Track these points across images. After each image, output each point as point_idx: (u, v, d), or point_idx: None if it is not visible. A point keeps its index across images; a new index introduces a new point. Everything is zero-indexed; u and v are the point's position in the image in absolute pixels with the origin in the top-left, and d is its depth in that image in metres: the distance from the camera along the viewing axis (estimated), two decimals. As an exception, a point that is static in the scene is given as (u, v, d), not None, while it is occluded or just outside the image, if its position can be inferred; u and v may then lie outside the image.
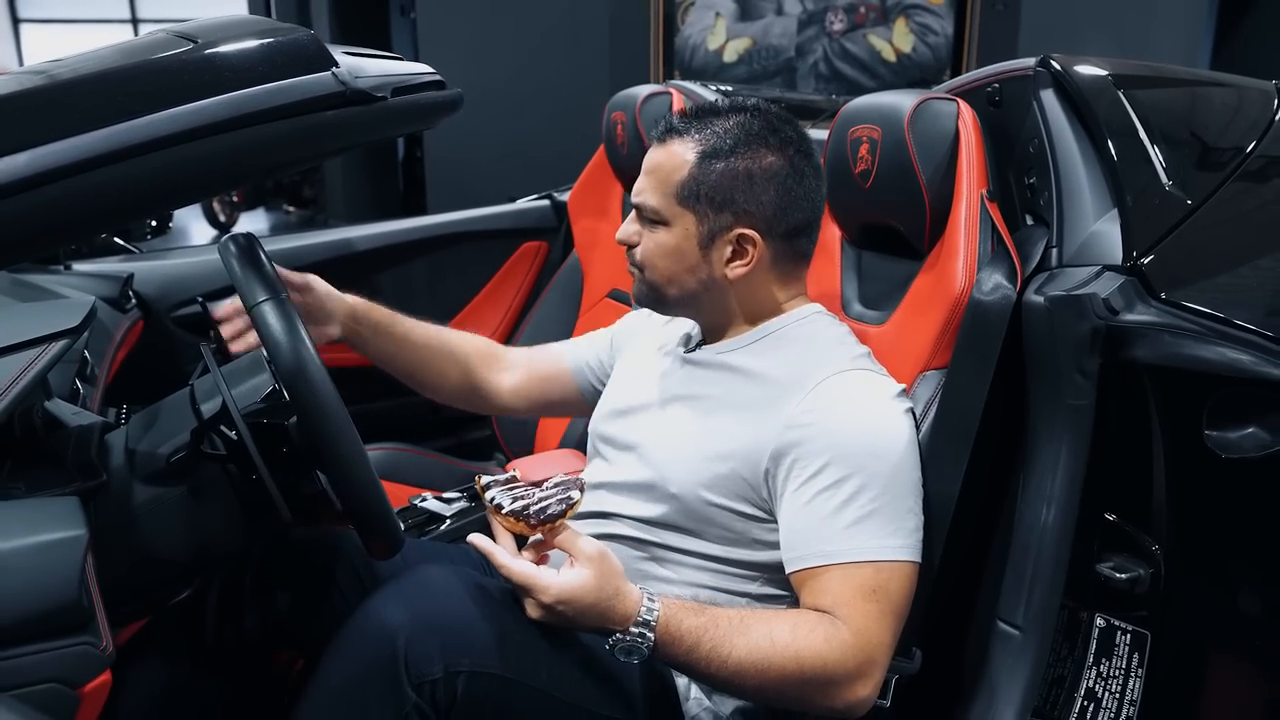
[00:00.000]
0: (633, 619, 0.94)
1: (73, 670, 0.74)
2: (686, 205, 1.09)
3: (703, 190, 1.08)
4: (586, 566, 0.95)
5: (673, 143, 1.10)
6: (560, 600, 0.93)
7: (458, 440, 2.22)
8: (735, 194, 1.08)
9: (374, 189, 7.05)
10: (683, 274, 1.11)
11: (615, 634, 0.95)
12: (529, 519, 0.96)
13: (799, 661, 0.95)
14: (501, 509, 0.98)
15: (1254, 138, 1.18)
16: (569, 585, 0.94)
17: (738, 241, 1.09)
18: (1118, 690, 1.03)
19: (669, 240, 1.10)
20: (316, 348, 0.92)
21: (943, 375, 1.10)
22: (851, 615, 0.97)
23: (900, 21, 4.74)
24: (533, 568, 0.95)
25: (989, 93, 1.26)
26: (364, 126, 0.87)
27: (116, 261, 1.98)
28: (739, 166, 1.08)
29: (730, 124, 1.10)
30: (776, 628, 0.96)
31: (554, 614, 0.94)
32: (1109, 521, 1.04)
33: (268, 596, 1.17)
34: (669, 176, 1.09)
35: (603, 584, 0.94)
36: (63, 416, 1.06)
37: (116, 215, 0.86)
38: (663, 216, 1.10)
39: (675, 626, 0.95)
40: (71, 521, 0.79)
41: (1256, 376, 0.89)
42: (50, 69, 0.79)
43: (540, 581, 0.94)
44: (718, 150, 1.08)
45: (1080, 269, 1.03)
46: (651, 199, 1.10)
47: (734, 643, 0.95)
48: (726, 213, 1.08)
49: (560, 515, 0.97)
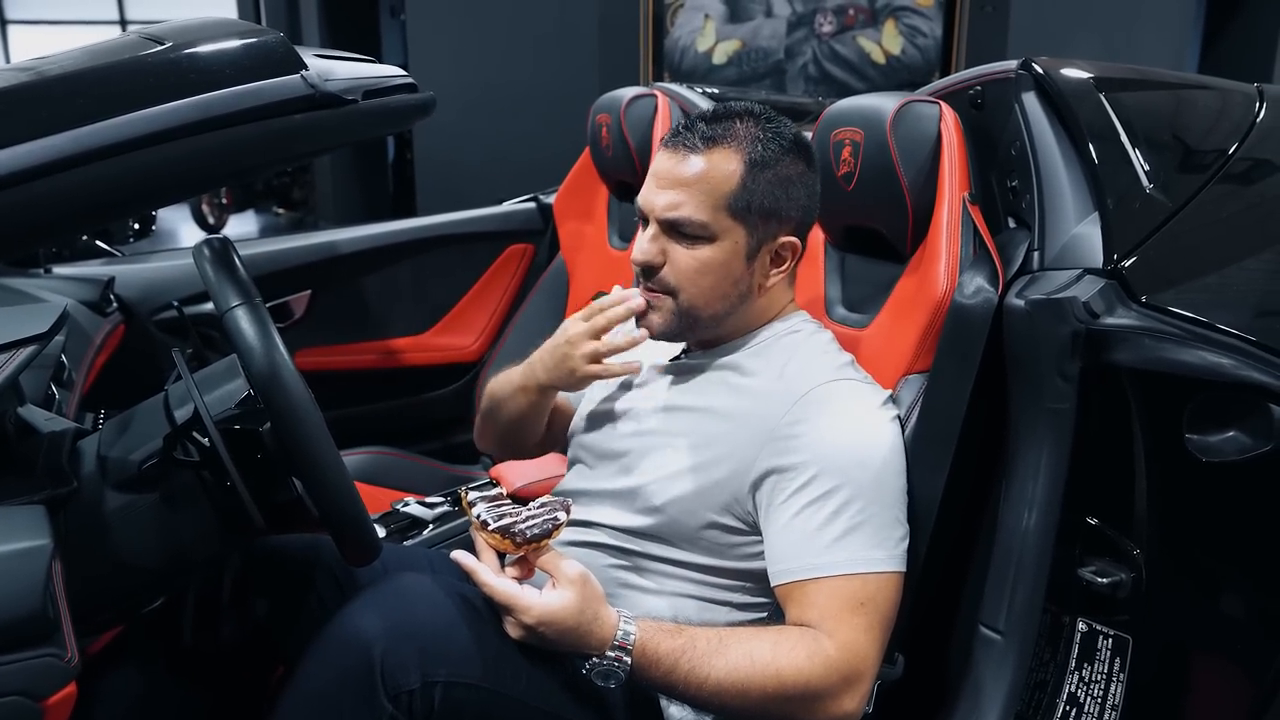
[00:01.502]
0: (609, 642, 0.94)
1: (36, 682, 0.72)
2: (738, 218, 1.04)
3: (754, 201, 1.04)
4: (568, 589, 0.94)
5: (709, 151, 1.04)
6: (541, 622, 0.93)
7: (442, 444, 2.21)
8: (781, 202, 1.06)
9: (364, 191, 7.03)
10: (726, 290, 1.07)
11: (592, 658, 0.95)
12: (514, 538, 0.95)
13: (780, 680, 0.94)
14: (487, 526, 0.97)
15: (1236, 140, 1.18)
16: (550, 607, 0.93)
17: (779, 250, 1.08)
18: (1100, 695, 1.03)
19: (715, 256, 1.05)
20: (293, 354, 0.91)
21: (925, 379, 1.10)
22: (838, 629, 0.96)
23: (889, 24, 4.75)
24: (516, 587, 0.95)
25: (971, 95, 1.25)
26: (334, 129, 0.86)
27: (98, 264, 1.96)
28: (783, 173, 1.06)
29: (759, 130, 1.06)
30: (756, 646, 0.96)
31: (534, 634, 0.94)
32: (1090, 525, 1.03)
33: (245, 603, 1.16)
34: (717, 187, 1.03)
35: (583, 607, 0.94)
36: (35, 423, 1.04)
37: (81, 219, 0.84)
38: (710, 231, 1.04)
39: (653, 649, 0.95)
40: (36, 531, 0.77)
41: (1237, 380, 0.89)
42: (14, 71, 0.78)
43: (522, 602, 0.94)
44: (766, 159, 1.05)
45: (1061, 272, 1.03)
46: (697, 213, 1.03)
47: (712, 663, 0.95)
48: (774, 221, 1.06)
49: (545, 536, 0.96)
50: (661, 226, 1.07)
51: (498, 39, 4.83)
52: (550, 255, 2.21)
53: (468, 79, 4.89)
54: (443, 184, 5.05)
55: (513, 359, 2.13)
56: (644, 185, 1.10)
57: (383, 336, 2.20)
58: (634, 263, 1.09)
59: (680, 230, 1.05)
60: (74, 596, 0.82)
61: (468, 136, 4.90)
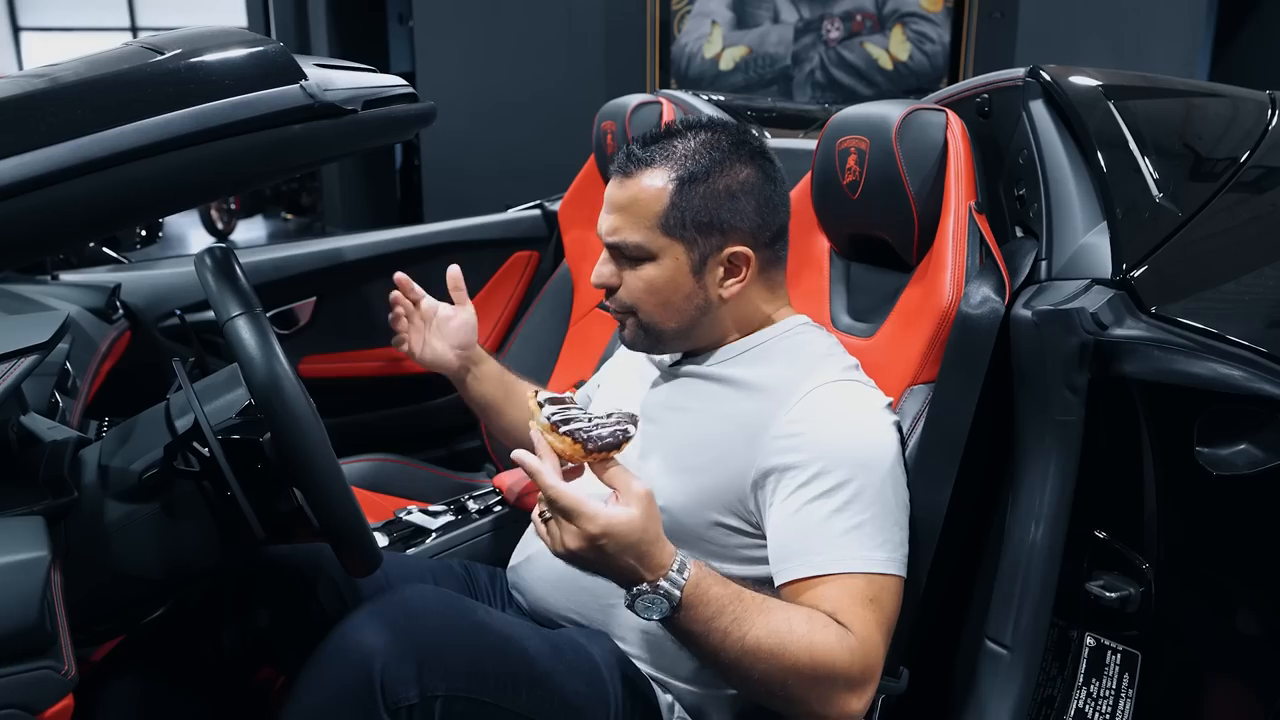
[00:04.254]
0: (665, 570, 0.88)
1: (33, 695, 0.72)
2: (673, 235, 1.05)
3: (688, 217, 1.05)
4: (634, 505, 0.87)
5: (641, 174, 1.06)
6: (606, 532, 0.86)
7: (447, 451, 2.21)
8: (720, 214, 1.06)
9: (372, 197, 7.06)
10: (679, 304, 1.08)
11: (643, 584, 0.88)
12: (586, 443, 0.88)
13: (812, 654, 0.90)
14: (559, 427, 0.89)
15: (1247, 148, 1.17)
16: (616, 518, 0.86)
17: (730, 261, 1.07)
18: (1108, 711, 1.01)
19: (659, 274, 1.07)
20: (297, 361, 0.91)
21: (930, 390, 1.09)
22: (854, 622, 0.94)
23: (897, 30, 4.75)
24: (583, 492, 0.87)
25: (978, 103, 1.25)
26: (334, 140, 0.86)
27: (104, 272, 1.97)
28: (719, 186, 1.06)
29: (695, 144, 1.07)
30: (794, 615, 0.92)
31: (592, 546, 0.87)
32: (1099, 539, 1.02)
33: (248, 613, 1.15)
34: (647, 209, 1.05)
35: (647, 525, 0.87)
36: (38, 431, 1.05)
37: (80, 230, 0.84)
38: (648, 251, 1.06)
39: (704, 590, 0.89)
40: (34, 542, 0.77)
41: (1249, 392, 0.87)
42: (14, 81, 0.78)
43: (589, 509, 0.86)
44: (695, 174, 1.05)
45: (1069, 282, 1.02)
46: (632, 235, 1.06)
47: (755, 620, 0.90)
48: (715, 234, 1.06)
49: (615, 446, 0.89)
50: (610, 250, 1.10)
51: (505, 46, 4.84)
52: (555, 262, 2.21)
53: (475, 86, 4.90)
54: (450, 191, 5.06)
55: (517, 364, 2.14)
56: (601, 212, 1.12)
57: (387, 344, 2.19)
58: (593, 285, 1.12)
59: (622, 253, 1.08)
60: (74, 606, 0.82)
61: (475, 144, 4.91)
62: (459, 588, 1.24)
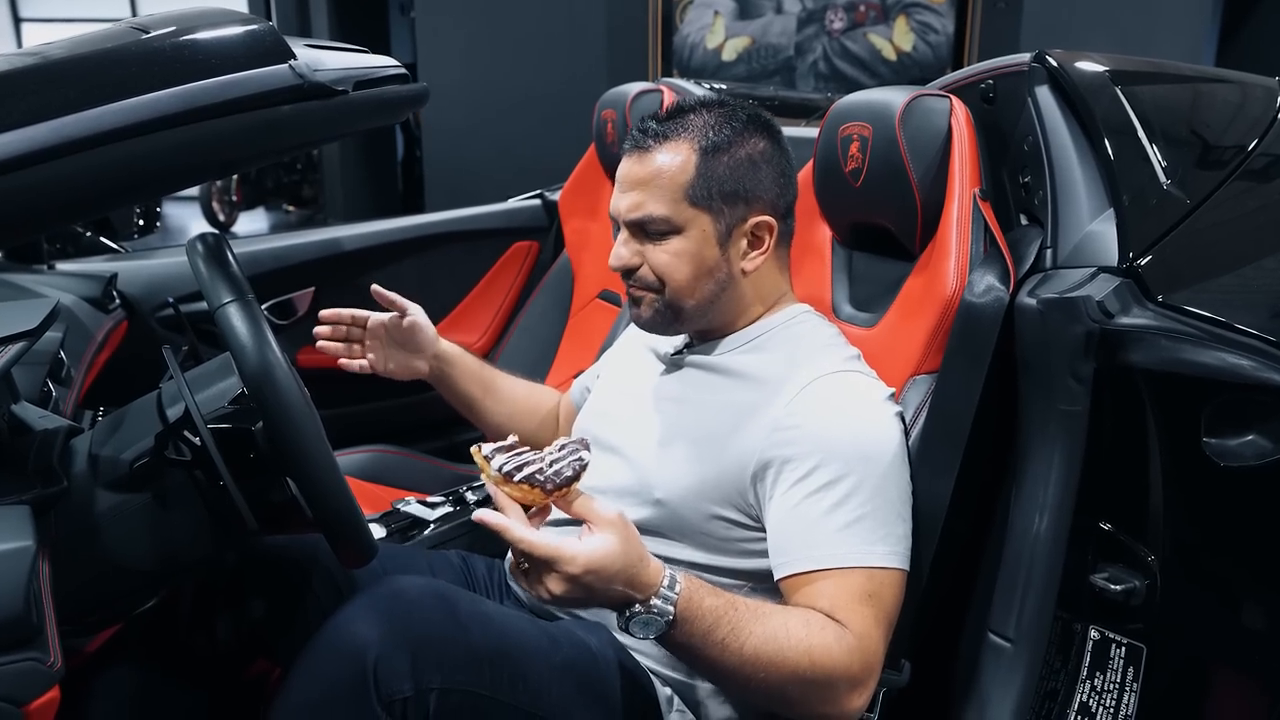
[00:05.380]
0: (656, 588, 0.86)
1: (17, 687, 0.71)
2: (700, 205, 1.05)
3: (714, 187, 1.05)
4: (609, 531, 0.85)
5: (662, 147, 1.05)
6: (588, 569, 0.83)
7: (446, 442, 2.20)
8: (745, 183, 1.06)
9: (373, 189, 7.05)
10: (703, 279, 1.07)
11: (635, 605, 0.87)
12: (544, 485, 0.86)
13: (810, 658, 0.90)
14: (512, 477, 0.86)
15: (1256, 135, 1.15)
16: (596, 553, 0.84)
17: (754, 230, 1.08)
18: (1112, 705, 1.00)
19: (687, 247, 1.05)
20: (289, 355, 0.89)
21: (934, 379, 1.07)
22: (851, 619, 0.93)
23: (901, 20, 4.71)
24: (557, 538, 0.85)
25: (983, 89, 1.23)
26: (324, 121, 0.84)
27: (101, 261, 1.95)
28: (741, 154, 1.06)
29: (712, 118, 1.07)
30: (790, 620, 0.91)
31: (579, 586, 0.84)
32: (1104, 530, 1.01)
33: (242, 604, 1.14)
34: (673, 180, 1.04)
35: (628, 549, 0.86)
36: (29, 420, 1.03)
37: (61, 213, 0.83)
38: (675, 224, 1.05)
39: (697, 604, 0.88)
40: (19, 532, 0.76)
41: (1257, 382, 0.86)
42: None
43: (566, 552, 0.83)
44: (718, 144, 1.05)
45: (1075, 270, 1.00)
46: (658, 208, 1.05)
47: (751, 629, 0.89)
48: (740, 204, 1.06)
49: (574, 479, 0.87)
50: (630, 229, 1.08)
51: (507, 36, 4.82)
52: (555, 252, 2.20)
53: (477, 77, 4.88)
54: (452, 181, 5.04)
55: (517, 355, 2.13)
56: (613, 193, 1.11)
57: None
58: (612, 268, 1.10)
59: (647, 229, 1.06)
60: (64, 597, 0.80)
61: (477, 134, 4.89)
62: (456, 579, 1.23)
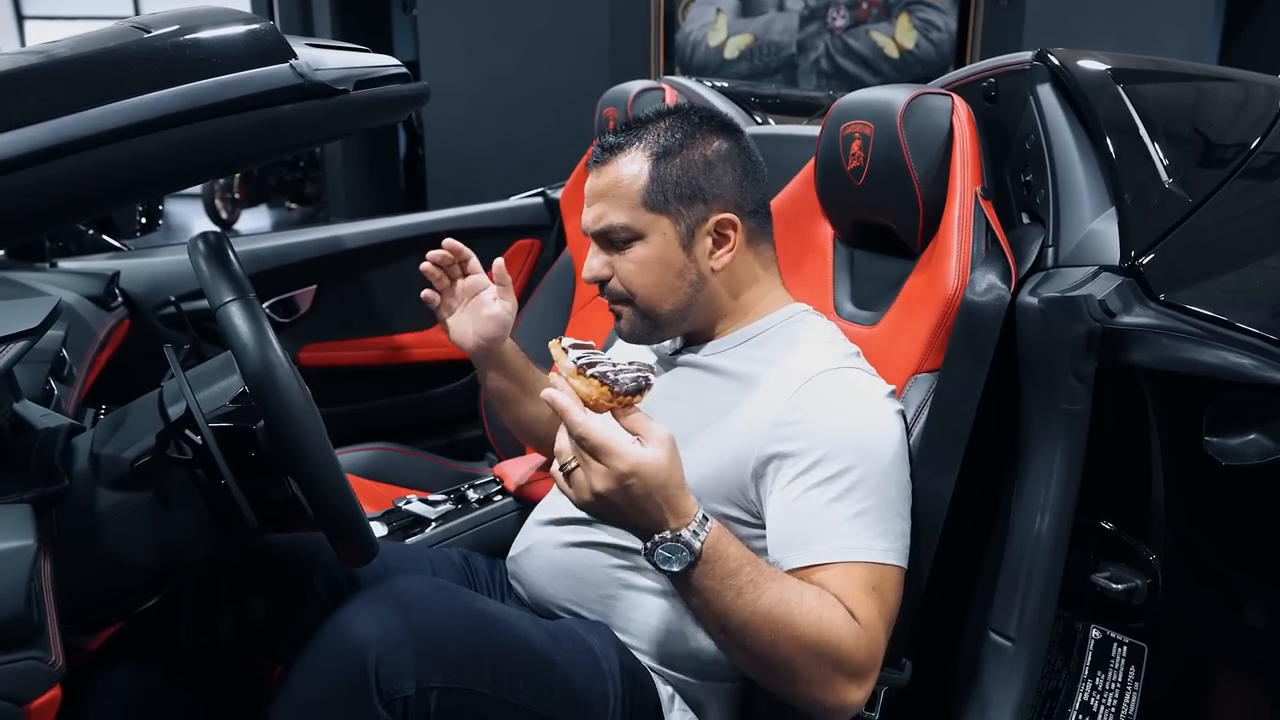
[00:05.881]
0: (688, 520, 0.86)
1: (19, 686, 0.71)
2: (657, 209, 1.07)
3: (668, 189, 1.06)
4: (660, 447, 0.85)
5: (616, 159, 1.08)
6: (635, 471, 0.83)
7: (448, 440, 2.20)
8: (700, 182, 1.07)
9: (376, 187, 7.05)
10: (672, 282, 1.08)
11: (664, 533, 0.86)
12: (613, 385, 0.86)
13: (820, 629, 0.89)
14: (586, 370, 0.87)
15: (1258, 134, 1.15)
16: (645, 458, 0.83)
17: (717, 229, 1.08)
18: (1113, 704, 1.00)
19: (650, 253, 1.07)
20: (291, 353, 0.89)
21: (935, 378, 1.07)
22: (858, 607, 0.93)
23: (903, 17, 4.71)
24: (617, 429, 0.85)
25: (984, 88, 1.22)
26: (325, 120, 0.84)
27: (103, 259, 1.95)
28: (694, 156, 1.07)
29: (665, 124, 1.10)
30: (806, 590, 0.91)
31: (620, 487, 0.84)
32: (1105, 530, 1.00)
33: (244, 602, 1.14)
34: (628, 189, 1.07)
35: (673, 468, 0.86)
36: (31, 419, 1.03)
37: (62, 212, 0.83)
38: (635, 230, 1.07)
39: (724, 548, 0.88)
40: (20, 531, 0.76)
41: (1259, 381, 0.86)
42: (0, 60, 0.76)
43: (618, 446, 0.83)
44: (669, 148, 1.07)
45: (1076, 269, 1.00)
46: (618, 217, 1.07)
47: (769, 585, 0.88)
48: (699, 203, 1.07)
49: (638, 391, 0.87)
50: (598, 241, 1.11)
51: (509, 34, 4.82)
52: (557, 250, 2.19)
53: (479, 74, 4.88)
54: (454, 179, 5.05)
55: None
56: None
57: (388, 332, 2.18)
58: (586, 281, 1.12)
59: (611, 238, 1.09)
60: (66, 596, 0.80)
61: (479, 132, 4.89)
62: (458, 578, 1.23)
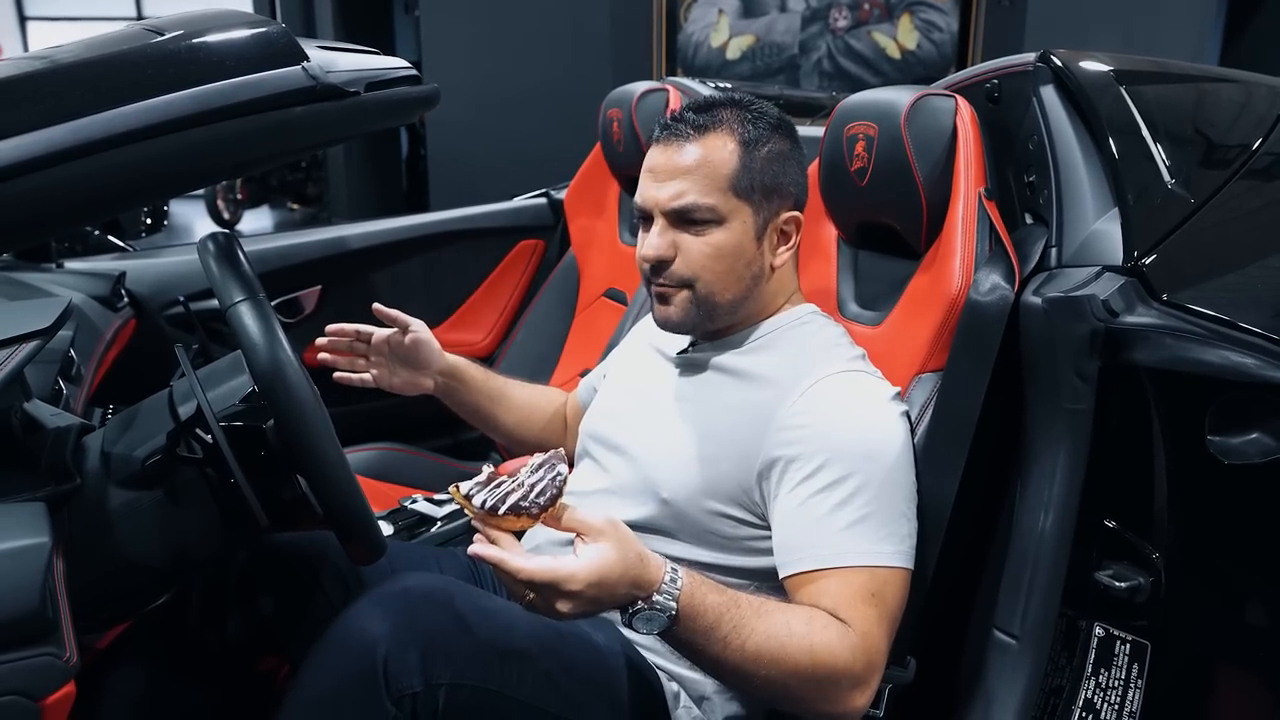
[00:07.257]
0: (658, 584, 0.86)
1: (34, 682, 0.72)
2: (743, 197, 1.05)
3: (755, 178, 1.06)
4: (603, 540, 0.85)
5: (704, 137, 1.05)
6: (591, 583, 0.82)
7: (453, 440, 2.20)
8: (780, 178, 1.08)
9: (377, 187, 7.06)
10: (740, 272, 1.07)
11: (638, 603, 0.85)
12: (529, 511, 0.85)
13: (813, 655, 0.90)
14: (498, 511, 0.86)
15: (1260, 134, 1.16)
16: (594, 564, 0.83)
17: (783, 228, 1.09)
18: (1117, 701, 1.01)
19: (727, 239, 1.05)
20: (300, 354, 0.90)
21: (939, 378, 1.08)
22: (854, 618, 0.94)
23: (905, 18, 4.71)
24: (553, 561, 0.83)
25: (988, 89, 1.23)
26: (336, 122, 0.85)
27: (109, 259, 1.96)
28: (776, 150, 1.08)
29: (745, 114, 1.08)
30: (793, 617, 0.92)
31: (586, 601, 0.83)
32: (1108, 528, 1.01)
33: (252, 601, 1.15)
34: (717, 170, 1.04)
35: (624, 552, 0.84)
36: (41, 418, 1.04)
37: (77, 214, 0.83)
38: (719, 213, 1.04)
39: (700, 600, 0.87)
40: (35, 529, 0.77)
41: (1261, 380, 0.86)
42: (12, 63, 0.77)
43: (565, 572, 0.82)
44: (756, 138, 1.06)
45: (1080, 269, 1.00)
46: (704, 197, 1.04)
47: (753, 626, 0.89)
48: (776, 198, 1.08)
49: (557, 496, 0.86)
50: (669, 219, 1.06)
51: (511, 35, 4.82)
52: (561, 251, 2.20)
53: (481, 75, 4.89)
54: (456, 180, 5.05)
55: (522, 354, 2.13)
56: (640, 184, 1.09)
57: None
58: (643, 260, 1.08)
59: (689, 218, 1.05)
60: (77, 593, 0.81)
61: (481, 133, 4.89)
62: (464, 576, 1.24)
